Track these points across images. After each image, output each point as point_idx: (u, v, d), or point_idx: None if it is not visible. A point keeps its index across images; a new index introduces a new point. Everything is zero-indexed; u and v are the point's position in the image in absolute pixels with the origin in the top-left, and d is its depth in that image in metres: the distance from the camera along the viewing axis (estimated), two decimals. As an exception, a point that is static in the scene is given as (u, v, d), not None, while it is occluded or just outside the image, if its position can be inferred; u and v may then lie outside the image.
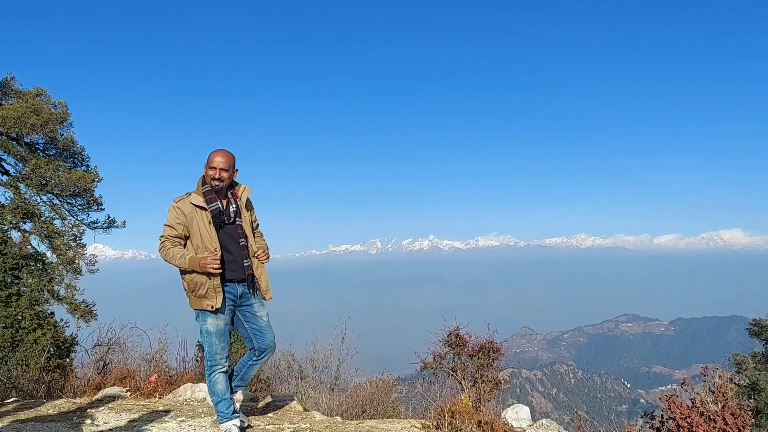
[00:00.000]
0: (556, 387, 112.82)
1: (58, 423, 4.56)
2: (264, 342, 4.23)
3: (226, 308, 4.08)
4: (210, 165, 4.02)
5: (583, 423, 5.49)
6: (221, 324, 4.08)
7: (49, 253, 13.60)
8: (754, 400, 13.47)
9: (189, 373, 7.36)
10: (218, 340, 4.09)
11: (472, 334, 9.92)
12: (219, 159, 4.01)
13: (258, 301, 4.23)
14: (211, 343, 4.08)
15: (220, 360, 4.12)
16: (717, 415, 4.82)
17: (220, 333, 4.09)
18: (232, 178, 4.11)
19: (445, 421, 4.52)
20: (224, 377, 4.17)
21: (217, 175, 4.00)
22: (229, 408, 4.20)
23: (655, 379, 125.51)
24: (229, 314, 4.11)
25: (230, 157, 4.08)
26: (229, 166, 4.04)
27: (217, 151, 4.05)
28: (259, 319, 4.20)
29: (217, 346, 4.09)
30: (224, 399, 4.17)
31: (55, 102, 13.34)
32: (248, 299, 4.19)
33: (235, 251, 4.07)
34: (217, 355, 4.10)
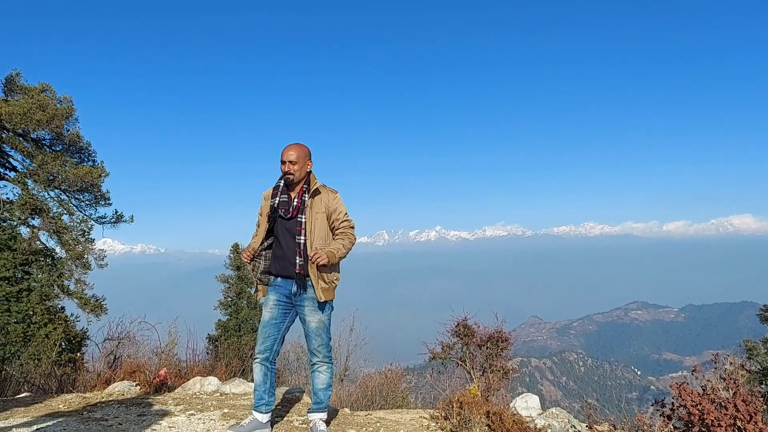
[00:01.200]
0: (565, 375, 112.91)
1: (69, 418, 4.58)
2: (309, 346, 4.21)
3: (275, 302, 4.10)
4: (282, 159, 4.06)
5: (593, 411, 5.46)
6: (267, 316, 4.09)
7: (58, 249, 13.69)
8: (766, 386, 13.40)
9: (198, 367, 7.39)
10: (261, 329, 4.11)
11: (480, 324, 9.92)
12: (290, 152, 4.03)
13: (311, 304, 4.10)
14: (258, 331, 4.14)
15: (257, 350, 4.10)
16: (728, 402, 4.78)
17: (264, 324, 4.10)
18: (304, 170, 4.11)
19: (453, 412, 4.51)
20: (259, 368, 4.11)
21: (287, 168, 4.04)
22: (259, 401, 4.14)
23: (666, 366, 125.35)
24: (278, 308, 4.10)
25: (301, 149, 4.08)
26: (298, 158, 4.04)
27: (289, 145, 4.08)
28: (308, 323, 4.13)
29: (259, 335, 4.11)
30: (256, 389, 4.15)
31: (61, 97, 13.36)
32: (301, 300, 4.12)
33: (288, 247, 4.05)
34: (257, 345, 4.11)
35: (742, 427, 4.63)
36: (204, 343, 12.13)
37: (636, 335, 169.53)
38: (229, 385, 5.80)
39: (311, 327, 4.11)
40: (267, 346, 4.09)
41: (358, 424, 4.63)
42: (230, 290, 18.98)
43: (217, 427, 4.42)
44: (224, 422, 4.54)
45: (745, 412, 4.66)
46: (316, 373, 4.21)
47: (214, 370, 7.71)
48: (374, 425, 4.65)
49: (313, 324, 4.11)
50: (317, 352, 4.16)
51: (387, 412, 5.54)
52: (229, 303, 18.82)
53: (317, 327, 4.11)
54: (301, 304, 4.12)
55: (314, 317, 4.10)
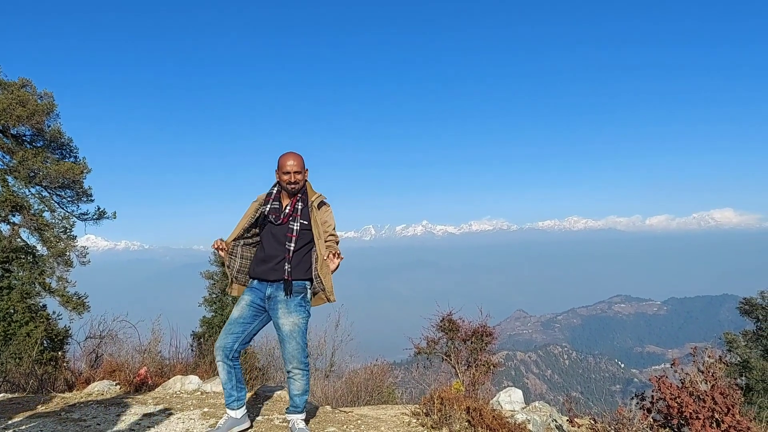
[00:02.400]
0: (550, 368, 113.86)
1: (46, 419, 4.53)
2: (284, 352, 4.09)
3: (250, 302, 4.05)
4: (283, 170, 4.03)
5: (575, 405, 5.51)
6: (236, 314, 4.04)
7: (39, 246, 13.53)
8: (746, 377, 13.61)
9: (181, 365, 7.35)
10: (227, 325, 4.05)
11: (465, 318, 9.95)
12: (291, 162, 4.02)
13: (284, 307, 4.00)
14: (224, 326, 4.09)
15: (216, 344, 4.02)
16: (706, 394, 4.85)
17: (231, 321, 4.03)
18: (304, 179, 4.12)
19: (434, 408, 4.52)
20: (223, 366, 4.02)
21: (292, 179, 4.02)
22: (229, 398, 4.11)
23: (649, 358, 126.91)
24: (250, 309, 4.04)
25: (300, 158, 4.08)
26: (301, 167, 4.05)
27: (287, 154, 4.06)
28: (281, 327, 4.02)
29: (222, 331, 4.05)
30: (224, 388, 4.11)
31: (41, 93, 13.17)
32: (274, 303, 4.02)
33: (274, 252, 4.01)
34: (218, 339, 4.04)
35: (720, 419, 4.69)
36: (188, 340, 12.06)
37: (619, 328, 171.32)
38: (210, 384, 5.77)
39: (285, 330, 3.99)
40: (226, 342, 4.00)
41: (339, 422, 4.63)
42: (215, 287, 18.87)
43: (196, 426, 4.40)
44: (204, 421, 4.51)
45: (723, 404, 4.73)
46: (291, 380, 4.11)
47: (197, 367, 7.68)
48: (355, 422, 4.65)
49: (287, 327, 3.98)
50: (292, 358, 4.01)
51: (370, 409, 5.55)
52: (213, 299, 18.70)
53: (291, 330, 3.98)
54: (274, 308, 4.02)
55: (287, 320, 3.99)
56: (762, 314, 15.09)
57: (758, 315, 15.21)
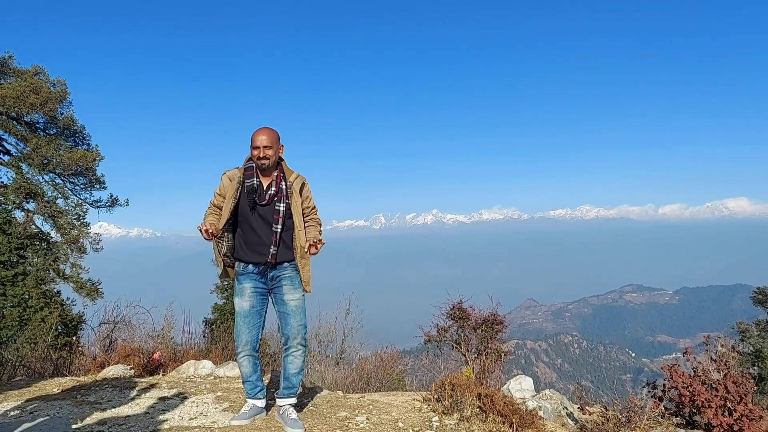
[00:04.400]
0: (560, 357, 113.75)
1: (63, 401, 4.60)
2: (287, 326, 4.01)
3: (252, 291, 3.95)
4: (253, 145, 3.88)
5: (585, 393, 5.51)
6: (246, 306, 3.94)
7: (53, 233, 13.65)
8: (758, 367, 13.54)
9: (194, 350, 7.42)
10: (242, 321, 3.94)
11: (475, 307, 9.95)
12: (262, 137, 3.87)
13: (289, 283, 4.00)
14: (236, 323, 3.97)
15: (242, 344, 3.95)
16: (719, 383, 4.83)
17: (244, 315, 3.94)
18: (277, 155, 3.96)
19: (445, 394, 4.54)
20: (248, 360, 4.00)
21: (261, 153, 3.86)
22: (253, 389, 4.07)
23: (660, 348, 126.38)
24: (256, 297, 3.96)
25: (273, 133, 3.93)
26: (272, 142, 3.89)
27: (260, 129, 3.91)
28: (287, 303, 3.99)
29: (241, 328, 3.94)
30: (248, 380, 4.05)
31: (54, 80, 13.25)
32: (278, 281, 4.00)
33: (264, 234, 3.91)
34: (240, 338, 3.95)
35: (732, 408, 4.68)
36: (200, 327, 12.16)
37: (631, 318, 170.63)
38: (223, 369, 5.83)
39: (290, 306, 3.97)
40: (253, 336, 3.97)
41: (351, 407, 4.66)
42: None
43: (210, 410, 4.45)
44: (217, 405, 4.57)
45: (735, 393, 4.71)
46: (291, 357, 4.05)
47: (209, 353, 7.75)
48: (367, 407, 4.68)
49: (293, 302, 3.98)
50: (297, 332, 3.99)
51: (381, 395, 5.58)
52: (225, 287, 18.84)
53: (297, 305, 4.00)
54: (278, 285, 4.00)
55: (293, 295, 3.99)
56: (775, 304, 14.95)
57: (772, 305, 15.07)
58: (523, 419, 4.22)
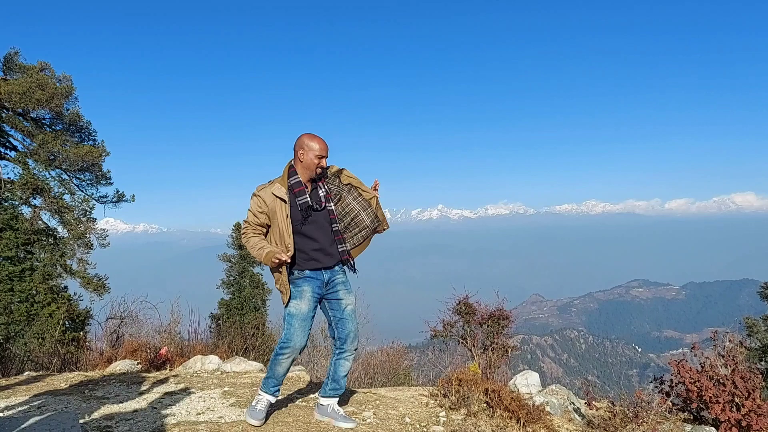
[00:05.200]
0: (566, 353, 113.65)
1: (70, 396, 4.62)
2: (344, 331, 3.97)
3: (311, 294, 3.86)
4: (320, 154, 3.79)
5: (592, 388, 5.49)
6: (304, 308, 3.83)
7: (60, 228, 13.72)
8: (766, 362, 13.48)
9: (200, 345, 7.44)
10: (298, 324, 3.83)
11: (481, 302, 9.94)
12: (324, 146, 3.81)
13: (344, 287, 3.98)
14: (290, 325, 3.83)
15: (293, 346, 3.84)
16: (726, 378, 4.80)
17: (304, 317, 3.83)
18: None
19: (452, 389, 4.53)
20: (289, 363, 3.93)
21: (324, 163, 3.82)
22: (276, 387, 4.00)
23: (666, 343, 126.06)
24: (313, 300, 3.87)
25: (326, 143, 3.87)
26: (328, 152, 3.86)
27: (317, 137, 3.83)
28: (344, 307, 3.96)
29: (296, 331, 3.83)
30: (275, 378, 3.97)
31: (60, 76, 13.28)
32: (334, 285, 3.95)
33: (323, 239, 3.87)
34: (294, 341, 3.83)
35: (740, 403, 4.66)
36: (207, 322, 12.20)
37: (637, 313, 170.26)
38: (229, 364, 5.84)
39: (348, 310, 3.97)
40: (306, 339, 3.90)
41: (358, 402, 4.67)
42: (232, 269, 19.06)
43: (217, 405, 4.46)
44: (224, 400, 4.57)
45: (743, 388, 4.68)
46: (343, 360, 4.03)
47: (216, 348, 7.77)
48: (373, 402, 4.69)
49: (350, 307, 3.98)
50: (355, 337, 4.00)
51: (387, 390, 5.58)
52: (231, 282, 18.90)
53: (353, 309, 4.00)
54: (334, 289, 3.97)
55: (350, 299, 3.99)
56: (783, 299, 14.88)
57: (779, 299, 15.00)
58: (531, 414, 4.21)
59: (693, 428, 4.75)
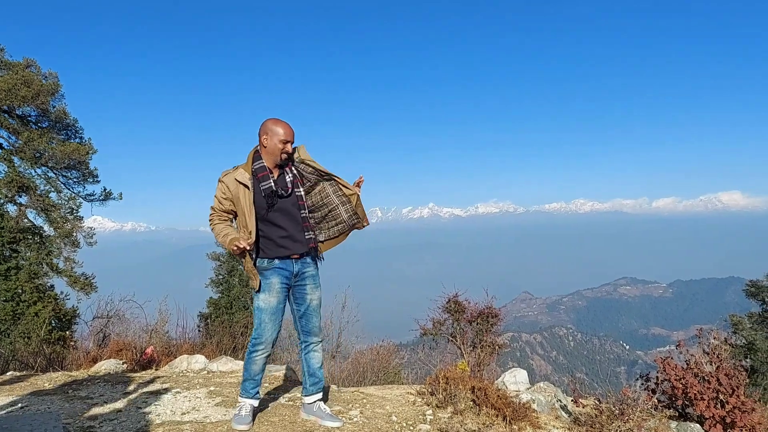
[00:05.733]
0: (555, 350, 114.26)
1: (54, 396, 4.58)
2: (308, 325, 3.92)
3: (280, 286, 3.77)
4: (284, 138, 3.68)
5: (579, 385, 5.52)
6: (273, 302, 3.75)
7: (46, 227, 13.59)
8: (751, 359, 13.62)
9: (187, 344, 7.40)
10: (268, 318, 3.75)
11: (471, 300, 9.96)
12: (290, 131, 3.71)
13: (312, 282, 3.90)
14: (260, 320, 3.75)
15: (265, 342, 3.78)
16: (711, 376, 4.84)
17: (272, 311, 3.75)
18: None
19: (439, 388, 4.53)
20: (264, 360, 3.86)
21: (289, 149, 3.72)
22: (255, 388, 3.93)
23: (654, 340, 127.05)
24: (282, 293, 3.79)
25: (292, 128, 3.77)
26: (294, 137, 3.75)
27: (282, 122, 3.73)
28: (308, 301, 3.89)
29: (267, 326, 3.75)
30: (253, 379, 3.90)
31: (46, 73, 13.15)
32: (303, 278, 3.87)
33: (290, 226, 3.76)
34: (265, 335, 3.76)
35: (725, 400, 4.70)
36: (195, 321, 12.14)
37: (625, 310, 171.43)
38: (216, 363, 5.81)
39: (313, 305, 3.90)
40: (276, 334, 3.82)
41: (345, 401, 4.66)
42: (221, 268, 18.97)
43: (203, 404, 4.43)
44: (210, 400, 4.55)
45: (728, 385, 4.72)
46: (313, 353, 3.97)
47: (204, 347, 7.73)
48: (360, 401, 4.68)
49: (315, 302, 3.91)
50: (318, 330, 3.93)
51: (376, 388, 5.58)
52: (220, 281, 18.81)
53: (318, 304, 3.94)
54: (303, 282, 3.89)
55: (316, 294, 3.92)
56: (768, 296, 15.03)
57: (764, 297, 15.15)
58: (517, 412, 4.22)
59: (678, 425, 4.79)
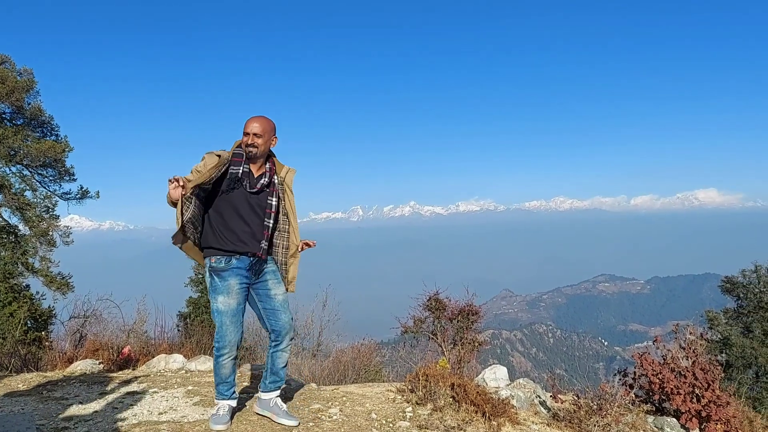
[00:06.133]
0: (535, 347, 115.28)
1: (28, 397, 4.49)
2: (278, 323, 3.85)
3: (239, 287, 3.71)
4: (244, 130, 3.69)
5: (558, 381, 5.57)
6: (233, 303, 3.68)
7: (21, 226, 13.39)
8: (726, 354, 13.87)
9: (165, 344, 7.32)
10: (229, 321, 3.68)
11: (451, 298, 10.00)
12: (255, 124, 3.67)
13: (274, 277, 3.87)
14: (221, 323, 3.69)
15: (229, 345, 3.71)
16: (687, 370, 4.92)
17: (232, 314, 3.69)
18: (268, 146, 3.78)
19: (419, 385, 4.55)
20: (232, 363, 3.80)
21: (250, 140, 3.66)
22: (229, 390, 3.88)
23: (632, 336, 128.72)
24: (242, 293, 3.74)
25: (267, 123, 3.74)
26: (264, 131, 3.69)
27: (254, 117, 3.72)
28: (273, 296, 3.84)
29: (228, 328, 3.69)
30: (226, 382, 3.84)
31: (21, 70, 12.94)
32: (264, 275, 3.84)
33: (254, 224, 3.73)
34: (227, 338, 3.70)
35: (700, 394, 4.77)
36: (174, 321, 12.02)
37: (603, 307, 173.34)
38: (194, 363, 5.75)
39: (278, 300, 3.83)
40: (240, 336, 3.78)
41: (324, 399, 4.64)
42: (201, 267, 18.81)
43: (180, 404, 4.38)
44: (188, 399, 4.50)
45: (703, 380, 4.80)
46: (280, 353, 3.92)
47: (183, 347, 7.65)
48: (340, 399, 4.67)
49: (280, 297, 3.85)
50: (290, 328, 3.90)
51: (356, 386, 5.57)
52: (200, 280, 18.65)
53: (284, 300, 3.88)
54: (263, 280, 3.85)
55: (280, 289, 3.86)
56: (743, 292, 15.30)
57: (739, 293, 15.43)
58: (496, 408, 4.25)
59: (655, 419, 4.85)
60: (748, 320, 14.99)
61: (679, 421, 4.79)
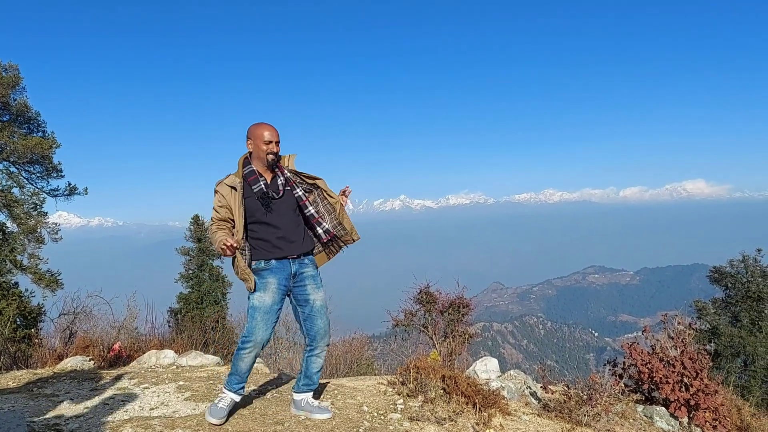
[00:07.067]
0: (526, 339, 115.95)
1: (18, 395, 4.47)
2: (313, 328, 3.91)
3: (277, 285, 3.77)
4: (265, 139, 3.75)
5: (549, 372, 5.61)
6: (268, 301, 3.74)
7: (9, 223, 13.30)
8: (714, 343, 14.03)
9: (156, 339, 7.30)
10: (261, 318, 3.73)
11: (442, 290, 10.03)
12: (274, 132, 3.77)
13: (313, 282, 3.91)
14: (253, 318, 3.74)
15: (256, 341, 3.74)
16: (676, 360, 4.97)
17: (267, 309, 3.74)
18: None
19: (410, 377, 4.56)
20: (252, 359, 3.82)
21: (274, 149, 3.77)
22: (239, 384, 3.90)
23: (622, 327, 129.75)
24: (279, 293, 3.77)
25: (276, 129, 3.84)
26: (279, 137, 3.81)
27: (264, 124, 3.81)
28: (312, 303, 3.89)
29: (258, 325, 3.73)
30: (239, 374, 3.86)
31: (6, 65, 12.82)
32: (302, 279, 3.88)
33: (286, 227, 3.79)
34: (256, 334, 3.73)
35: (689, 383, 4.82)
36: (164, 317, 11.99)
37: (593, 298, 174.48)
38: (185, 358, 5.74)
39: (317, 306, 3.90)
40: (267, 335, 3.78)
41: (317, 392, 4.65)
42: (191, 262, 18.77)
43: (171, 399, 4.37)
44: (179, 394, 4.49)
45: (692, 369, 4.85)
46: (315, 358, 3.99)
47: (174, 342, 7.64)
48: (332, 392, 4.69)
49: (319, 302, 3.90)
50: (325, 334, 3.96)
51: (347, 380, 5.59)
52: (190, 275, 18.62)
53: (322, 305, 3.93)
54: (302, 284, 3.89)
55: (319, 294, 3.92)
56: (730, 282, 15.51)
57: (727, 283, 15.63)
58: (487, 399, 4.28)
59: (644, 408, 4.90)
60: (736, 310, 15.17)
61: (668, 409, 4.84)
